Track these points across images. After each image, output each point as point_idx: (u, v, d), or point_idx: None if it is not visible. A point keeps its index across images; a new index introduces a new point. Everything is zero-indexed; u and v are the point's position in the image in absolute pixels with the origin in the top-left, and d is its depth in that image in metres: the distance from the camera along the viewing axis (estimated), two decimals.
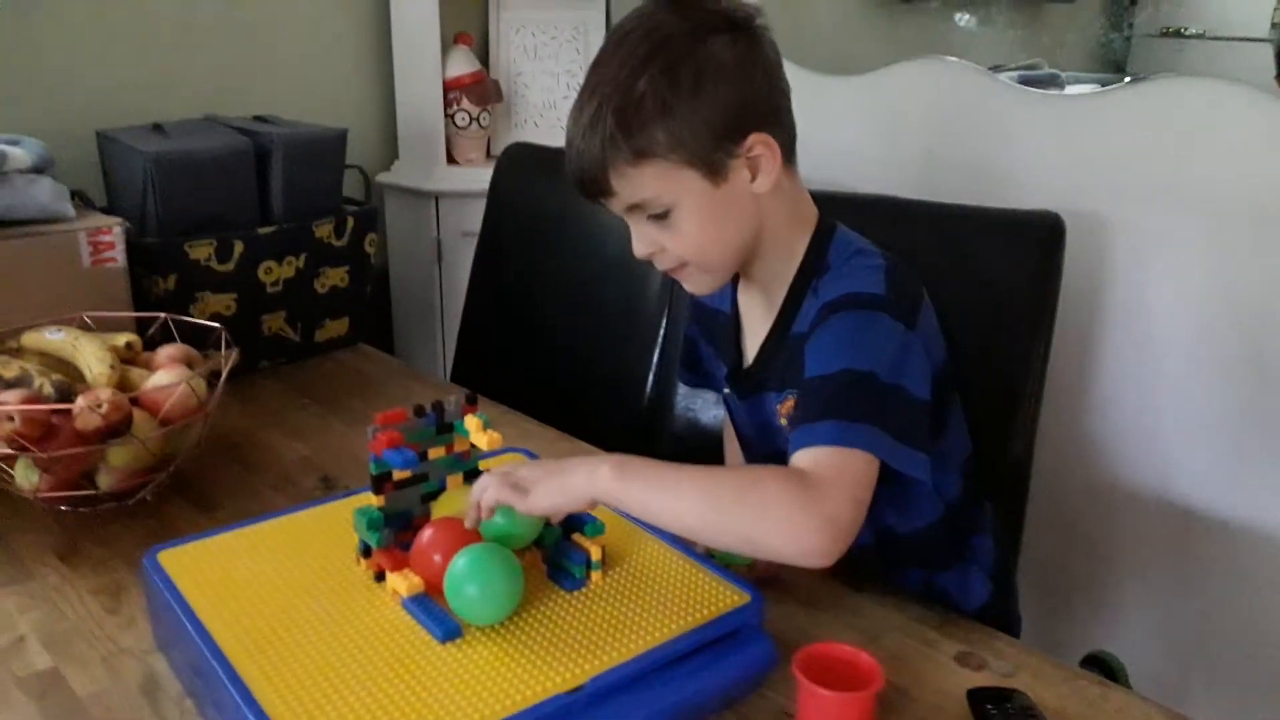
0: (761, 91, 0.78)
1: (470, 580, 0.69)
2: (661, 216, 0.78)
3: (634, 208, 0.79)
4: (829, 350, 0.75)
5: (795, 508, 0.67)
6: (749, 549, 0.72)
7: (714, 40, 0.75)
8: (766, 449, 0.91)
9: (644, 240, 0.81)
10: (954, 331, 0.88)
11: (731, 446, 1.05)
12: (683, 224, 0.78)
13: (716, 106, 0.75)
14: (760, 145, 0.77)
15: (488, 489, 0.73)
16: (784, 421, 0.86)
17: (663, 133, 0.74)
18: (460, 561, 0.70)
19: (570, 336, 1.44)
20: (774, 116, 0.79)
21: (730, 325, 0.93)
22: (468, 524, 0.75)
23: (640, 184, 0.77)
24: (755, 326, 0.90)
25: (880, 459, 0.71)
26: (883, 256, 0.82)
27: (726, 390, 0.95)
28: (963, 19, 2.51)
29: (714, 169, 0.77)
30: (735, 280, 0.92)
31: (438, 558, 0.73)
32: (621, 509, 0.74)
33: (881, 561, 0.88)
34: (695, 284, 0.85)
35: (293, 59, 1.78)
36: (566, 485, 0.72)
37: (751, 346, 0.90)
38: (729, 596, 0.75)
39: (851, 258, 0.82)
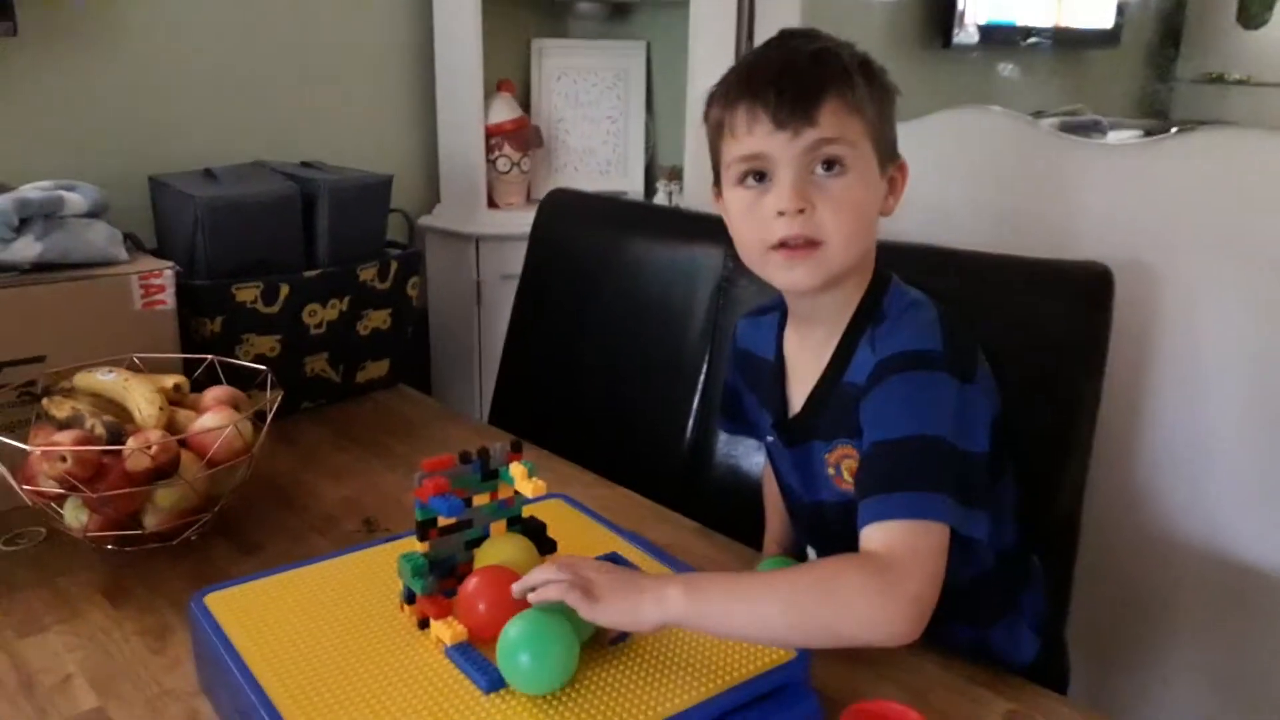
0: None
1: (523, 648, 0.67)
2: (835, 170, 0.78)
3: (820, 144, 0.77)
4: (891, 414, 0.75)
5: (878, 597, 0.67)
6: (835, 643, 0.71)
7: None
8: (811, 497, 0.90)
9: (798, 193, 0.77)
10: (1002, 383, 0.87)
11: (771, 494, 1.04)
12: (849, 188, 0.78)
13: (892, 119, 0.82)
14: (900, 173, 0.83)
15: (551, 586, 0.69)
16: (831, 470, 0.85)
17: (874, 105, 0.79)
18: (513, 629, 0.68)
19: (610, 380, 1.44)
20: None
21: (775, 372, 0.92)
22: (515, 593, 0.71)
23: (840, 127, 0.77)
24: (803, 373, 0.89)
25: (950, 526, 0.71)
26: (936, 307, 0.82)
27: (770, 438, 0.94)
28: (1005, 68, 2.51)
29: (882, 161, 0.81)
30: (780, 327, 0.92)
31: (482, 606, 0.72)
32: (698, 629, 0.73)
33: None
34: (805, 271, 0.79)
35: (340, 106, 1.82)
36: (638, 611, 0.69)
37: (798, 394, 0.89)
38: (774, 652, 0.74)
39: (907, 309, 0.82)
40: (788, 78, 0.78)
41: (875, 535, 0.70)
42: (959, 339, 0.79)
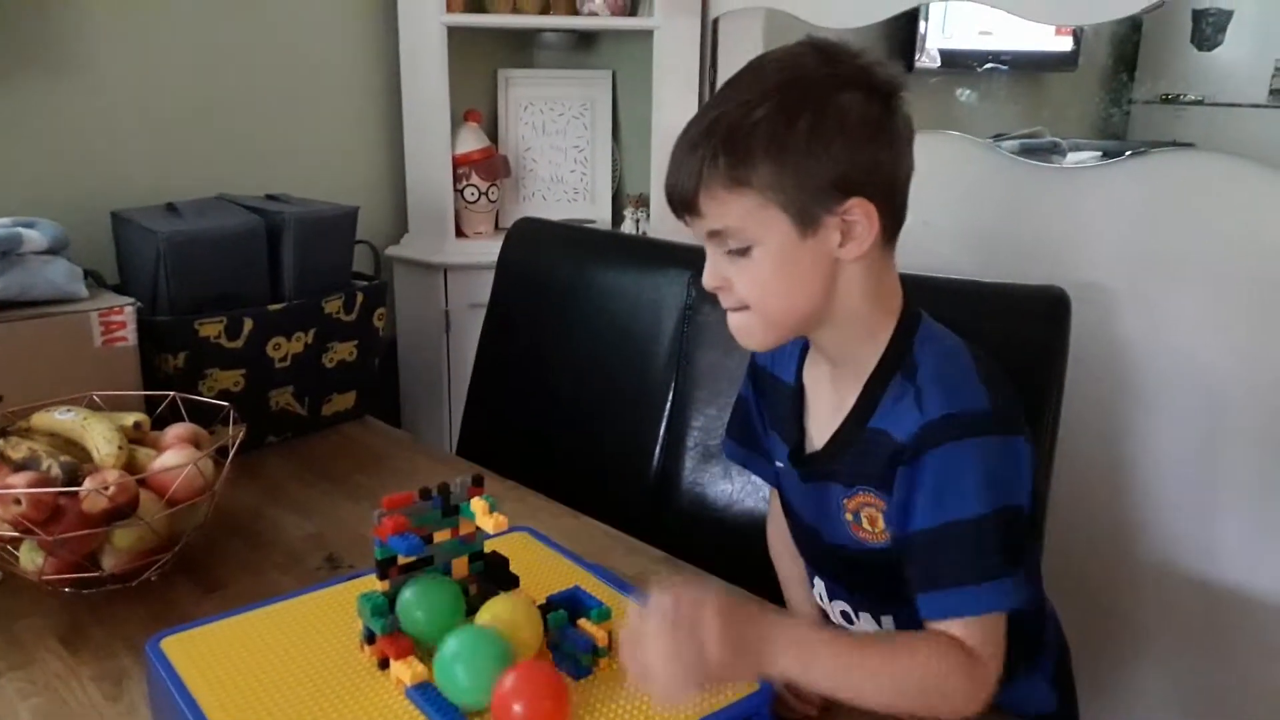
0: (879, 160, 0.75)
1: (456, 661, 0.69)
2: (740, 253, 0.76)
3: (715, 234, 0.76)
4: (948, 493, 0.73)
5: (970, 688, 0.71)
6: (919, 715, 0.74)
7: (847, 94, 0.74)
8: (830, 539, 0.86)
9: (715, 272, 0.78)
10: None
11: (777, 527, 0.99)
12: (758, 265, 0.76)
13: (827, 159, 0.73)
14: (860, 211, 0.74)
15: (664, 659, 0.67)
16: (849, 518, 0.82)
17: (766, 168, 0.73)
18: (450, 644, 0.70)
19: (577, 409, 1.44)
20: (884, 189, 0.76)
21: (794, 399, 0.88)
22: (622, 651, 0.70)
23: (729, 212, 0.75)
24: (822, 406, 0.86)
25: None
26: (970, 351, 0.79)
27: (782, 465, 0.90)
28: (963, 93, 2.55)
29: (806, 220, 0.74)
30: (803, 352, 0.89)
31: (518, 708, 0.70)
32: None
33: None
34: (749, 334, 0.80)
35: (305, 137, 1.82)
36: (752, 674, 0.72)
37: (816, 427, 0.86)
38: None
39: (942, 359, 0.79)
40: (673, 174, 0.77)
41: (955, 627, 0.73)
42: (999, 384, 0.76)
